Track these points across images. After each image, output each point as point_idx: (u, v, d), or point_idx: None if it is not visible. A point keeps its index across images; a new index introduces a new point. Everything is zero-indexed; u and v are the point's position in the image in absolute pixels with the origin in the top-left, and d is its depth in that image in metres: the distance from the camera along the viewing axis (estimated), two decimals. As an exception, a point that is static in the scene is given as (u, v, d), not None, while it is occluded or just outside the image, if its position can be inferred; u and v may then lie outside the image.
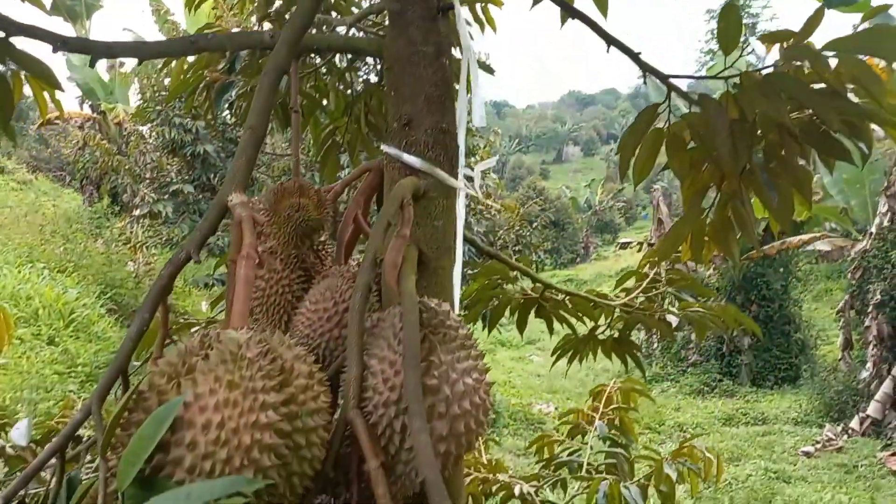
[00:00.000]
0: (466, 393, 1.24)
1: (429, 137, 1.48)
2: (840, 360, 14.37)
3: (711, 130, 1.81)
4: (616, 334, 2.93)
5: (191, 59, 2.79)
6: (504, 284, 2.77)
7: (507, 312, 2.82)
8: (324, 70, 2.99)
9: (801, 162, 1.97)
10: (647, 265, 3.05)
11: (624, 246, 20.90)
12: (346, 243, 1.68)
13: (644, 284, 2.88)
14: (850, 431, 12.11)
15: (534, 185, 45.05)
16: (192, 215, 12.19)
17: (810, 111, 1.88)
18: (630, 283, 3.00)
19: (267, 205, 1.56)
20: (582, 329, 3.02)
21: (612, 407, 4.03)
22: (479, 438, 1.30)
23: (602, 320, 2.92)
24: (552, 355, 3.16)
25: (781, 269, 17.49)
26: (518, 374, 19.59)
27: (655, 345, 20.09)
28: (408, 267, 1.37)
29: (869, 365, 12.57)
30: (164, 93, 12.35)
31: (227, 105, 2.94)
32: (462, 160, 1.51)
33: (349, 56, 2.61)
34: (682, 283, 2.87)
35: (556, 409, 14.64)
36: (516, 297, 2.68)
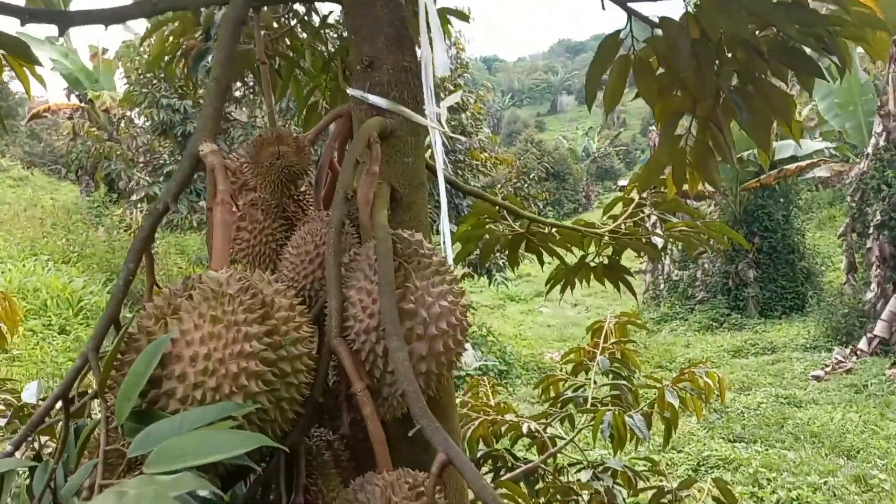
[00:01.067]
0: (443, 314, 1.30)
1: (391, 77, 1.51)
2: (845, 283, 14.46)
3: (674, 52, 1.84)
4: (606, 261, 2.99)
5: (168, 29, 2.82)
6: (492, 224, 2.82)
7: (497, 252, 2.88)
8: (300, 30, 3.01)
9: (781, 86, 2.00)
10: (632, 190, 3.09)
11: (623, 188, 20.80)
12: (324, 190, 1.73)
13: (630, 209, 2.93)
14: (858, 353, 12.24)
15: (530, 139, 44.79)
16: (189, 195, 12.28)
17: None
18: (618, 209, 3.04)
19: (248, 157, 1.61)
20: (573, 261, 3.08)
21: (612, 342, 4.10)
22: (458, 358, 1.37)
23: (592, 249, 2.98)
24: (545, 285, 3.22)
25: (782, 200, 17.49)
26: (528, 326, 19.78)
27: (662, 286, 20.22)
28: (379, 202, 1.43)
29: (873, 285, 12.66)
30: (148, 74, 12.31)
31: (205, 72, 2.97)
32: (431, 98, 1.55)
33: (314, 8, 2.63)
34: (667, 206, 2.91)
35: (566, 355, 14.79)
36: (504, 235, 2.74)
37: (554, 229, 2.72)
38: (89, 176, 18.21)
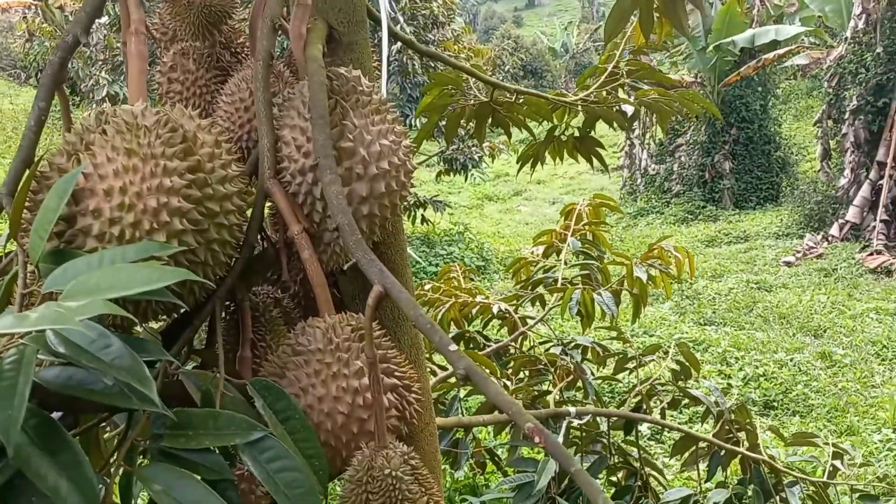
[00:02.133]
0: (383, 154, 1.23)
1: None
2: (819, 171, 14.52)
3: None
4: (576, 133, 2.91)
5: None
6: (457, 94, 2.71)
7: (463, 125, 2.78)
8: None
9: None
10: (607, 60, 2.97)
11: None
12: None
13: (603, 78, 2.82)
14: (829, 238, 12.43)
15: (507, 34, 43.55)
16: (151, 93, 11.83)
17: None
18: (592, 81, 2.94)
19: (166, -2, 1.48)
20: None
21: (582, 223, 4.07)
22: (402, 201, 1.30)
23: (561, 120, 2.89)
24: (517, 162, 3.15)
25: (760, 89, 17.31)
26: (506, 224, 19.82)
27: (640, 180, 20.21)
28: (313, 35, 1.32)
29: (847, 171, 12.72)
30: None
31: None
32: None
33: None
34: (641, 74, 2.81)
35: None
36: (470, 105, 2.63)
37: (521, 98, 2.62)
38: (49, 79, 17.42)
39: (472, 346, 3.65)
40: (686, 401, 2.80)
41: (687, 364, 2.80)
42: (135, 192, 1.01)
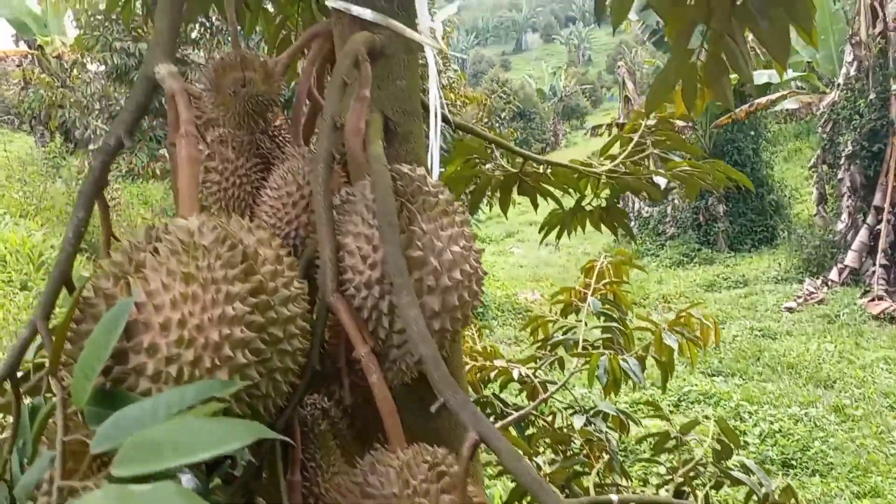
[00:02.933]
0: (455, 262, 1.11)
1: (380, -15, 1.29)
2: (815, 214, 14.55)
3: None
4: (603, 203, 2.82)
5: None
6: (482, 164, 2.62)
7: (487, 193, 2.69)
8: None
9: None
10: (632, 129, 2.91)
11: (595, 131, 20.66)
12: (303, 123, 1.51)
13: (629, 149, 2.74)
14: (829, 283, 12.38)
15: (496, 78, 44.08)
16: (149, 142, 11.75)
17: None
18: (615, 149, 2.86)
19: (208, 84, 1.38)
20: (568, 203, 2.91)
21: (603, 282, 3.99)
22: (473, 311, 1.19)
23: (588, 191, 2.81)
24: (539, 232, 3.05)
25: (752, 133, 17.45)
26: (501, 266, 19.74)
27: (633, 223, 20.24)
28: (373, 131, 1.22)
29: (844, 216, 12.73)
30: (99, 16, 11.64)
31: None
32: (424, 8, 1.33)
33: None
34: (668, 144, 2.73)
35: (541, 296, 14.81)
36: (496, 176, 2.54)
37: (549, 169, 2.53)
38: (43, 125, 17.42)
39: (489, 412, 3.51)
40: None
41: (728, 442, 2.68)
42: (195, 324, 0.89)
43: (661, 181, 2.73)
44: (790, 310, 11.71)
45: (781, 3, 1.80)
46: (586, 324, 3.75)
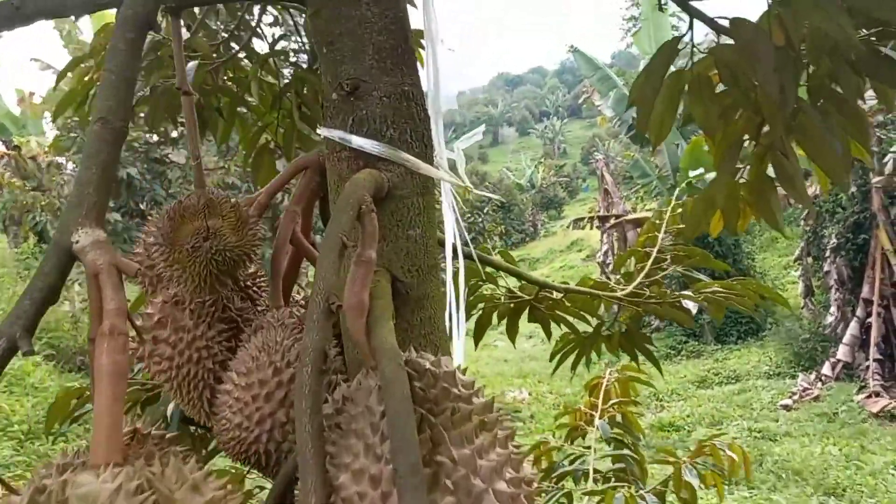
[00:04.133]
0: (503, 505, 0.77)
1: (386, 108, 0.99)
2: (802, 307, 14.36)
3: (751, 63, 1.37)
4: (623, 328, 2.50)
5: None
6: (482, 286, 2.31)
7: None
8: (243, 57, 2.48)
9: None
10: (646, 242, 2.63)
11: (577, 224, 20.72)
12: (283, 275, 1.18)
13: (648, 266, 2.45)
14: (823, 378, 12.05)
15: (475, 171, 44.66)
16: (123, 244, 11.41)
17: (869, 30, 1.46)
18: (630, 264, 2.57)
19: (160, 235, 1.05)
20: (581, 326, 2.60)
21: (611, 402, 3.65)
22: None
23: (602, 310, 2.50)
24: (551, 360, 2.71)
25: (731, 225, 17.47)
26: (485, 361, 19.21)
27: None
28: (381, 308, 0.88)
29: (833, 309, 12.53)
30: (76, 119, 11.44)
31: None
32: (441, 137, 1.03)
33: (260, 32, 2.10)
34: (692, 261, 2.45)
35: (529, 394, 14.30)
36: (504, 302, 2.22)
37: (565, 295, 2.22)
38: (17, 226, 17.05)
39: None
40: None
41: None
42: None
43: (691, 305, 2.43)
44: (786, 407, 11.30)
45: (841, 118, 1.55)
46: (594, 451, 3.39)
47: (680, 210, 2.71)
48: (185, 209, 1.04)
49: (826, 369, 12.14)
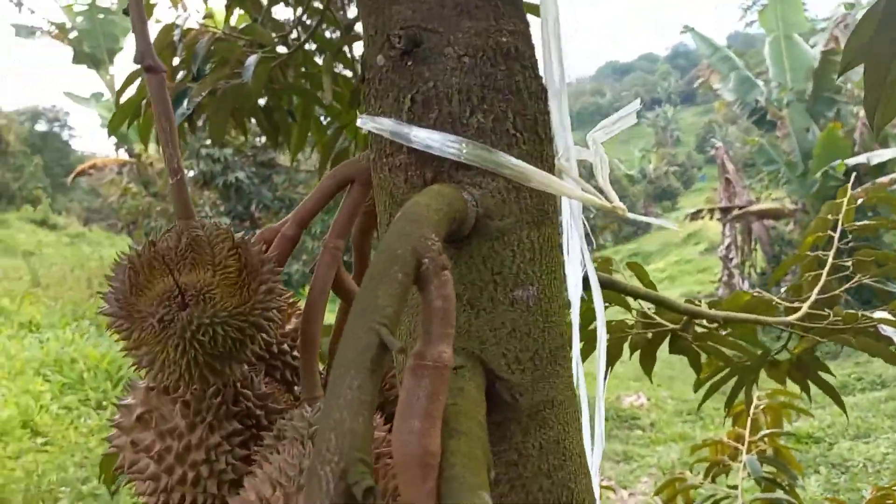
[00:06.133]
0: None
1: (470, 76, 0.56)
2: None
3: None
4: (794, 358, 1.97)
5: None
6: (607, 307, 1.85)
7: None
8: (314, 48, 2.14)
9: None
10: (815, 244, 2.07)
11: (695, 216, 19.61)
12: (319, 343, 0.78)
13: (824, 277, 1.89)
14: None
15: (582, 164, 43.50)
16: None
17: None
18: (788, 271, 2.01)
19: (115, 300, 0.66)
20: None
21: (760, 433, 3.12)
22: None
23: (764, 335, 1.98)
24: (695, 390, 2.20)
25: (870, 214, 15.99)
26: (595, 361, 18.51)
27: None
28: (465, 451, 0.46)
29: None
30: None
31: (185, 118, 2.11)
32: (566, 126, 0.59)
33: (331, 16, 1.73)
34: (885, 269, 1.88)
35: (647, 399, 13.52)
36: (642, 334, 1.75)
37: (721, 326, 1.72)
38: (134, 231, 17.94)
39: None
40: None
41: None
42: None
43: (890, 330, 1.86)
44: (945, 418, 10.08)
45: None
46: (742, 493, 2.87)
47: (862, 199, 2.11)
48: (157, 255, 0.65)
49: None
